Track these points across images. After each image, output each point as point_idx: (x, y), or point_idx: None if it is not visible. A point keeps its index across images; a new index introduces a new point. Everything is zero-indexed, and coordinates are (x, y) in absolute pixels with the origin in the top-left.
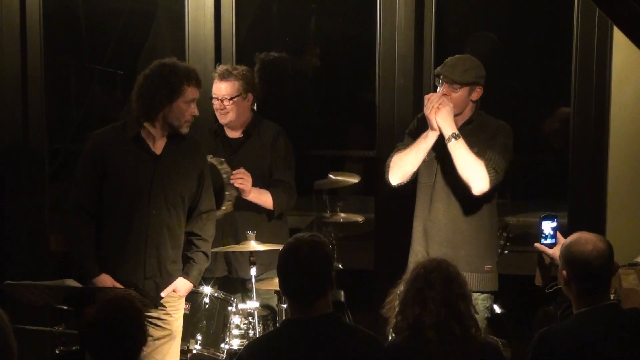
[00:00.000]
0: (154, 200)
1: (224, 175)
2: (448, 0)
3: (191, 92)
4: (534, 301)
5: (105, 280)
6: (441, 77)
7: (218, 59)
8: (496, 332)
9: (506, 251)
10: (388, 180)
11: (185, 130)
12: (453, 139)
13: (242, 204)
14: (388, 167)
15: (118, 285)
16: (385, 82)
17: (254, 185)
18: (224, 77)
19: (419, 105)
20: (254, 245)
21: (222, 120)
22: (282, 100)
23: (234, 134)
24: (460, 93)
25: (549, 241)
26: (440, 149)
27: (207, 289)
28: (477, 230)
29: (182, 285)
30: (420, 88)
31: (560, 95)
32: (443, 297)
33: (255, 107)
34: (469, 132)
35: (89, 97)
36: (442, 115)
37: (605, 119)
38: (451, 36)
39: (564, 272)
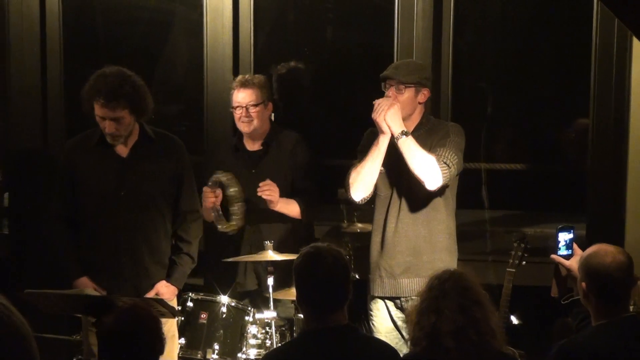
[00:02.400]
0: (123, 203)
1: (231, 190)
2: (466, 11)
3: (99, 110)
4: (551, 312)
5: (86, 282)
6: (387, 80)
7: (236, 69)
8: (513, 343)
9: (524, 262)
10: (351, 197)
11: (109, 139)
12: (402, 136)
13: (268, 216)
14: (348, 185)
15: (98, 288)
16: None
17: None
18: (245, 85)
19: (436, 113)
20: (271, 255)
21: (247, 128)
22: (301, 110)
23: (253, 147)
24: (406, 95)
25: (565, 252)
26: (394, 159)
27: (224, 299)
28: (437, 234)
29: (164, 288)
30: (438, 97)
31: (578, 106)
32: (458, 304)
33: (272, 118)
34: (420, 137)
35: None
36: (389, 115)
37: (624, 130)
38: (469, 46)
39: (583, 284)
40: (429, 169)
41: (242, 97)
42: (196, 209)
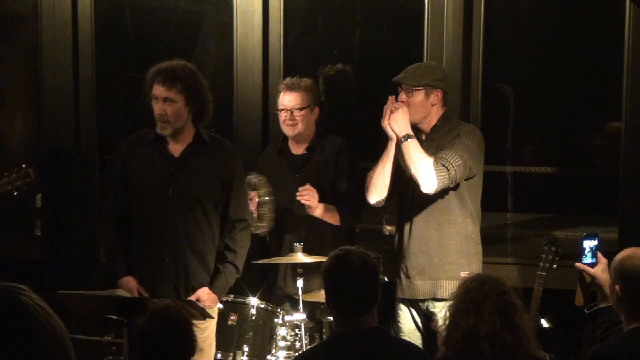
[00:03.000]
0: (170, 202)
1: (261, 192)
2: (497, 14)
3: (156, 89)
4: (581, 317)
5: (129, 281)
6: (399, 85)
7: (265, 71)
8: (544, 347)
9: (554, 266)
10: (367, 200)
11: (158, 129)
12: (404, 140)
13: (309, 223)
14: (365, 189)
15: (140, 288)
16: None
17: (320, 201)
18: (292, 88)
19: (465, 116)
20: (300, 258)
21: (290, 132)
22: (347, 112)
23: (298, 150)
24: (416, 97)
25: (590, 260)
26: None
27: (253, 301)
28: (449, 237)
29: (205, 295)
30: (468, 102)
31: (610, 109)
32: (497, 307)
33: (318, 122)
34: (437, 139)
35: (137, 107)
36: (393, 119)
37: None
38: (499, 50)
39: (617, 287)
40: (424, 172)
41: (287, 100)
42: (244, 218)
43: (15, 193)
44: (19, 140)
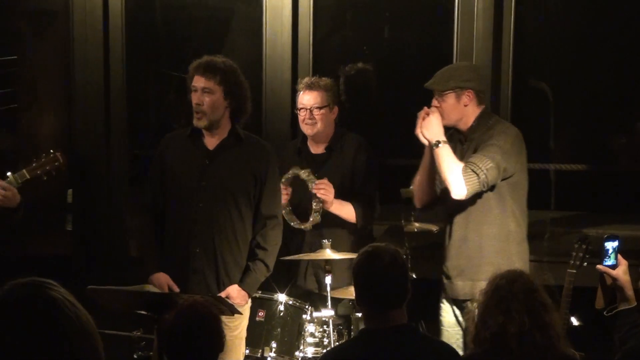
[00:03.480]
0: (203, 194)
1: (311, 186)
2: (527, 11)
3: (195, 80)
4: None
5: (160, 277)
6: (432, 91)
7: (295, 68)
8: (574, 345)
9: (585, 263)
10: (415, 205)
11: (194, 122)
12: (435, 147)
13: (328, 220)
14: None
15: (172, 284)
16: None
17: (339, 199)
18: (311, 87)
19: (496, 114)
20: (328, 254)
21: (309, 131)
22: (368, 111)
23: (317, 150)
24: (448, 101)
25: (611, 262)
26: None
27: (282, 297)
28: (488, 238)
29: (235, 292)
30: (498, 99)
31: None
32: (527, 306)
33: (337, 121)
34: (477, 139)
35: (167, 103)
36: (425, 125)
37: None
38: (530, 47)
39: None
40: (453, 178)
41: (307, 99)
42: (276, 215)
43: (45, 178)
44: (50, 135)
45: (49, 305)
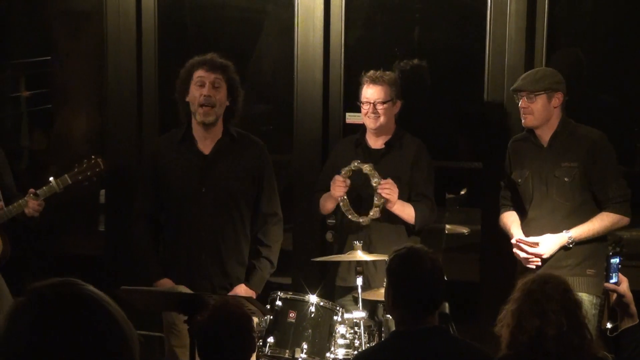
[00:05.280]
0: (204, 200)
1: (374, 181)
2: (561, 11)
3: (203, 74)
4: None
5: (166, 283)
6: (517, 92)
7: (326, 69)
8: (606, 347)
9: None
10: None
11: (199, 117)
12: (571, 243)
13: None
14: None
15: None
16: (494, 94)
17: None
18: (375, 81)
19: None
20: (360, 256)
21: (372, 125)
22: (420, 108)
23: (376, 144)
24: (539, 102)
25: (614, 280)
26: (534, 165)
27: (313, 298)
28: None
29: (243, 292)
30: None
31: None
32: (563, 306)
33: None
34: (561, 145)
35: None
36: (549, 250)
37: None
38: (563, 47)
39: None
40: (615, 227)
41: (370, 93)
42: (276, 212)
43: (86, 183)
44: (83, 136)
45: (86, 303)
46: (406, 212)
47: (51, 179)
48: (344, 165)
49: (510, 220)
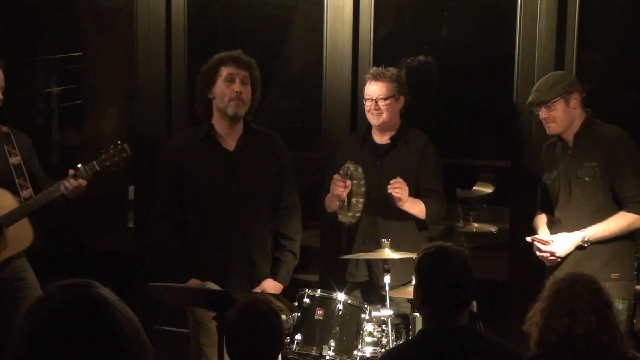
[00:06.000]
0: (233, 196)
1: (355, 182)
2: (592, 10)
3: (227, 70)
4: None
5: (193, 284)
6: (535, 106)
7: (355, 66)
8: (636, 348)
9: None
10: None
11: (231, 110)
12: (586, 243)
13: (386, 212)
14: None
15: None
16: (523, 93)
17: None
18: (377, 78)
19: None
20: (388, 253)
21: (375, 121)
22: (420, 107)
23: (381, 140)
24: (558, 109)
25: None
26: (561, 166)
27: (341, 296)
28: (602, 241)
29: (271, 286)
30: None
31: None
32: (592, 305)
33: (402, 112)
34: (584, 145)
35: None
36: (561, 249)
37: None
38: (594, 47)
39: None
40: (630, 228)
41: (373, 89)
42: (296, 204)
43: (114, 169)
44: (112, 132)
45: (97, 304)
46: (416, 208)
47: (79, 165)
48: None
49: (540, 222)
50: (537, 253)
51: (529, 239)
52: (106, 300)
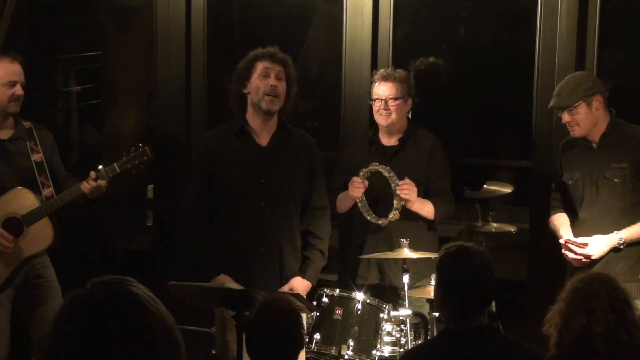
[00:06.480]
0: (263, 192)
1: (393, 185)
2: (613, 9)
3: (262, 65)
4: None
5: (222, 280)
6: (556, 110)
7: (374, 66)
8: None
9: None
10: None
11: (265, 105)
12: (622, 244)
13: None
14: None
15: (236, 285)
16: (543, 93)
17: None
18: (386, 78)
19: None
20: (407, 253)
21: (384, 121)
22: (437, 107)
23: (389, 141)
24: (580, 112)
25: None
26: (584, 167)
27: (359, 295)
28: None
29: (299, 284)
30: None
31: None
32: (610, 304)
33: (409, 115)
34: (610, 146)
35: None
36: (597, 251)
37: None
38: (615, 46)
39: None
40: None
41: (382, 90)
42: (326, 205)
43: (134, 172)
44: (132, 131)
45: (133, 302)
46: (425, 209)
47: (100, 167)
48: (358, 163)
49: (560, 222)
50: (569, 255)
51: (562, 241)
52: (140, 298)
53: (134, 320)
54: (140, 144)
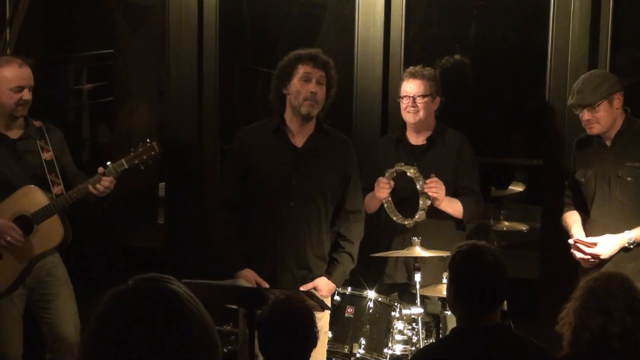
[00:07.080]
0: (293, 192)
1: (418, 184)
2: (626, 9)
3: (304, 69)
4: None
5: (248, 274)
6: (577, 107)
7: (386, 64)
8: None
9: None
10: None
11: (304, 110)
12: (633, 245)
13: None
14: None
15: (260, 280)
16: (556, 92)
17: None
18: (415, 76)
19: None
20: (418, 251)
21: (412, 119)
22: (462, 104)
23: (417, 140)
24: (602, 111)
25: None
26: (597, 165)
27: (371, 294)
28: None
29: (323, 284)
30: None
31: None
32: (627, 304)
33: (437, 113)
34: (625, 144)
35: (254, 99)
36: (606, 251)
37: None
38: (628, 45)
39: None
40: None
41: (410, 87)
42: (360, 209)
43: (142, 167)
44: (143, 129)
45: (174, 299)
46: (454, 207)
47: (108, 163)
48: (385, 163)
49: (572, 220)
50: (578, 255)
51: (571, 241)
52: (180, 296)
53: (175, 318)
54: (148, 139)
